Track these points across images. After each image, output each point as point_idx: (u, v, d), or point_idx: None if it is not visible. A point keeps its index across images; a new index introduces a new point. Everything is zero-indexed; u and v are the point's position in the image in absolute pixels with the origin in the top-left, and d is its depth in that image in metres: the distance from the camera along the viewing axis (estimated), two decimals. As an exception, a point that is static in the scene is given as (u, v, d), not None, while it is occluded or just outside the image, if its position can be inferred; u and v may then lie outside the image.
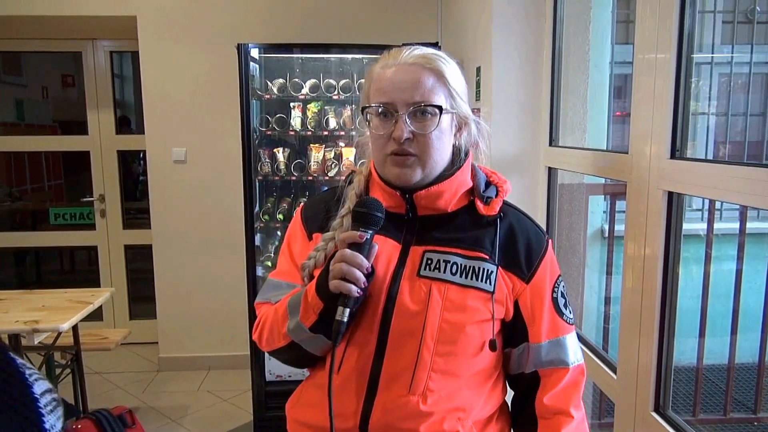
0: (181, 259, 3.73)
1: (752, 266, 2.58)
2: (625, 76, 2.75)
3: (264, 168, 2.98)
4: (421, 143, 1.01)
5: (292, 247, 1.16)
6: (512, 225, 1.08)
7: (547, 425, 1.07)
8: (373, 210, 1.00)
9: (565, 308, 1.10)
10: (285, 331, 1.05)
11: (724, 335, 2.50)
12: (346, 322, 0.95)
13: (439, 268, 1.01)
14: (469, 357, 1.02)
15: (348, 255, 0.96)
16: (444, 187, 1.04)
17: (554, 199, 2.32)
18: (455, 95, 1.03)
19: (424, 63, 1.01)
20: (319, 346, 1.04)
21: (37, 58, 4.21)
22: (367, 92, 1.06)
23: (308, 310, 1.00)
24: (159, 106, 3.61)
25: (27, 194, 4.42)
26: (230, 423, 3.14)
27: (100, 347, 3.10)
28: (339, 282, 0.95)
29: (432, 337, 0.98)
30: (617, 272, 2.24)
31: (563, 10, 2.23)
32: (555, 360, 1.07)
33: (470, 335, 1.01)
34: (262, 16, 3.55)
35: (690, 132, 1.45)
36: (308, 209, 1.19)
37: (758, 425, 2.77)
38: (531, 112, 2.33)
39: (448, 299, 1.00)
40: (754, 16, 3.76)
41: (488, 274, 1.02)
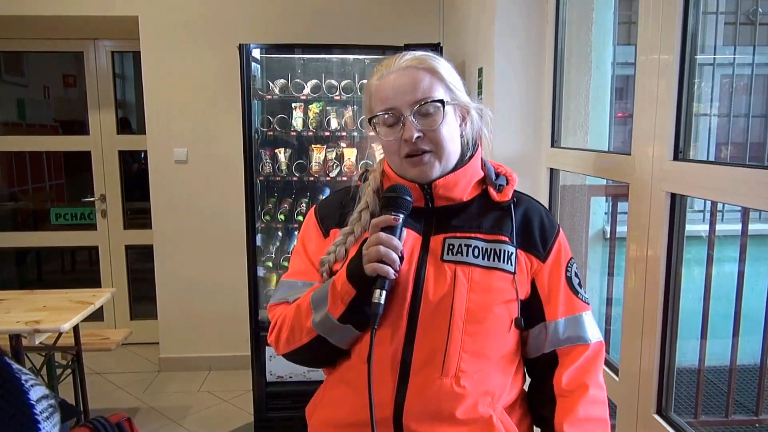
0: (182, 260, 3.73)
1: (754, 268, 2.58)
2: (627, 77, 2.74)
3: (265, 168, 2.98)
4: (433, 138, 1.04)
5: (307, 247, 1.17)
6: (526, 209, 1.12)
7: (564, 402, 1.07)
8: (402, 194, 1.03)
9: (580, 287, 1.13)
10: (309, 325, 1.05)
11: (726, 337, 2.50)
12: (383, 304, 0.96)
13: (461, 252, 1.04)
14: (498, 337, 1.04)
15: (384, 238, 0.98)
16: (459, 176, 1.08)
17: (556, 201, 2.31)
18: (453, 88, 1.07)
19: (417, 64, 1.05)
20: (347, 337, 1.05)
21: (38, 57, 4.21)
22: (369, 105, 1.10)
23: (336, 300, 1.01)
24: (160, 106, 3.61)
25: (28, 194, 4.41)
26: (231, 424, 3.13)
27: (101, 348, 3.10)
28: (377, 264, 0.97)
29: (461, 317, 1.01)
30: (619, 273, 2.23)
31: (565, 12, 2.23)
32: (573, 337, 1.09)
33: (498, 315, 1.03)
34: (264, 16, 3.55)
35: (692, 133, 1.45)
36: (323, 208, 1.20)
37: (760, 427, 2.77)
38: (533, 113, 2.33)
39: (473, 281, 1.02)
40: (756, 17, 3.75)
41: (509, 255, 1.05)
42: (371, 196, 1.10)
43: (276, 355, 2.88)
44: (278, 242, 3.14)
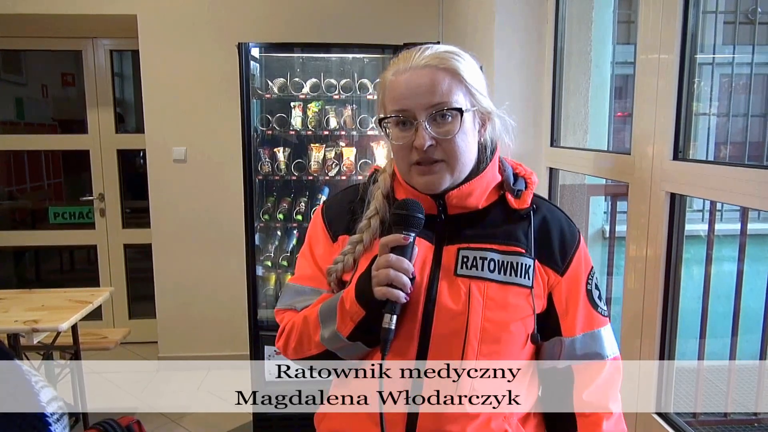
0: (181, 259, 3.73)
1: (753, 267, 2.58)
2: (627, 76, 2.74)
3: (264, 167, 2.97)
4: (447, 148, 0.97)
5: (314, 250, 1.11)
6: (546, 217, 1.05)
7: (586, 423, 1.04)
8: (414, 212, 0.96)
9: (600, 300, 1.06)
10: (318, 339, 1.02)
11: (725, 336, 2.50)
12: (393, 329, 0.92)
13: (476, 266, 0.98)
14: (513, 354, 0.99)
15: (394, 261, 0.92)
16: (474, 185, 1.01)
17: (555, 200, 2.31)
18: (474, 92, 0.99)
19: (438, 63, 0.96)
20: (357, 353, 1.01)
21: (37, 56, 4.20)
22: (382, 102, 1.02)
23: (345, 319, 0.97)
24: (159, 105, 3.60)
25: (26, 193, 4.41)
26: (230, 423, 3.13)
27: (100, 347, 3.09)
28: (387, 289, 0.92)
29: (476, 338, 0.95)
30: (618, 273, 2.23)
31: (565, 11, 2.23)
32: (590, 353, 1.04)
33: (514, 333, 0.98)
34: (263, 15, 3.55)
35: (691, 133, 1.45)
36: (331, 209, 1.13)
37: (759, 426, 2.77)
38: (532, 113, 2.33)
39: (489, 298, 0.96)
40: (755, 16, 3.75)
41: (526, 268, 0.99)
42: (381, 201, 1.04)
43: (275, 355, 2.89)
44: (277, 241, 3.14)
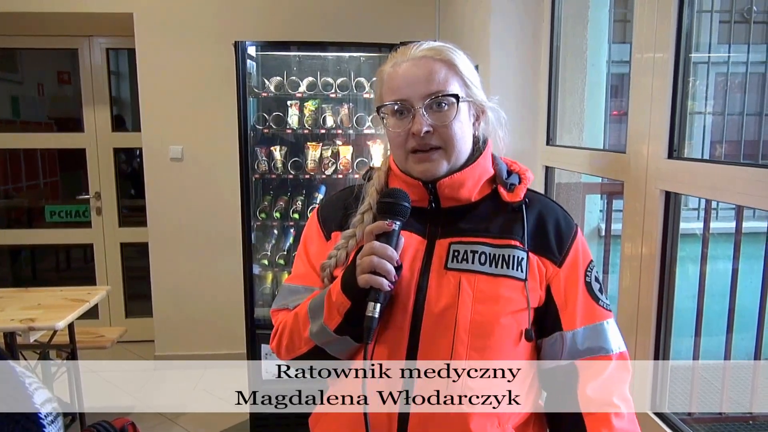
0: (178, 257, 3.72)
1: (748, 265, 2.59)
2: (622, 75, 2.75)
3: (261, 166, 2.97)
4: (444, 134, 0.98)
5: (308, 249, 1.12)
6: (541, 209, 1.04)
7: (595, 420, 0.99)
8: (399, 200, 0.97)
9: (601, 293, 1.05)
10: (307, 335, 1.01)
11: (720, 334, 2.51)
12: (377, 318, 0.91)
13: (467, 259, 0.98)
14: (506, 351, 0.97)
15: (377, 247, 0.92)
16: (466, 175, 1.01)
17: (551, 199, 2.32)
18: (469, 84, 1.01)
19: (434, 55, 0.99)
20: (345, 349, 1.01)
21: (33, 54, 4.18)
22: (379, 93, 1.04)
23: (332, 311, 0.96)
24: (155, 104, 3.60)
25: (22, 192, 4.39)
26: (226, 422, 3.13)
27: (96, 345, 3.08)
28: (369, 276, 0.91)
29: (465, 331, 0.94)
30: (614, 271, 2.24)
31: (561, 10, 2.23)
32: (594, 348, 1.01)
33: (505, 327, 0.96)
34: (260, 13, 3.54)
35: (686, 131, 1.46)
36: (325, 209, 1.15)
37: (754, 423, 2.78)
38: (528, 111, 2.33)
39: (479, 290, 0.96)
40: (750, 15, 3.76)
41: (519, 261, 0.98)
42: (374, 196, 1.04)
43: (272, 353, 2.89)
44: (274, 240, 3.14)
